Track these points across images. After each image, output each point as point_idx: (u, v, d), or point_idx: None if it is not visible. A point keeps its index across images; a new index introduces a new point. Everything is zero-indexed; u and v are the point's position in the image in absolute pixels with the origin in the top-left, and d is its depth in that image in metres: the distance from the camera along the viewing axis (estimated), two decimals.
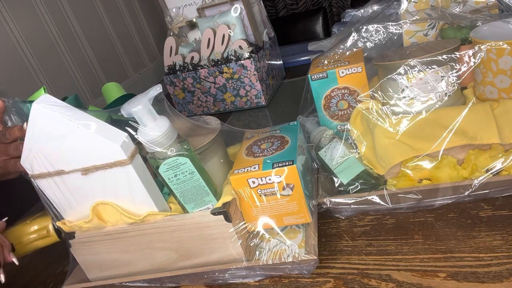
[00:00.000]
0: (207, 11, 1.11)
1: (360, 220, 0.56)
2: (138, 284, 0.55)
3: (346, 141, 0.60)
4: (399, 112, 0.56)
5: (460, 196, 0.51)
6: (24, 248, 0.58)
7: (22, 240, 0.58)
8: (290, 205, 0.52)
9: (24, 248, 0.58)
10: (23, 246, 0.58)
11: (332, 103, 0.64)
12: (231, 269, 0.51)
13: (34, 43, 1.13)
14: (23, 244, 0.58)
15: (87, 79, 1.29)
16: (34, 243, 0.58)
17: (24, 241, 0.58)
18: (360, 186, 0.57)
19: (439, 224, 0.51)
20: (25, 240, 0.58)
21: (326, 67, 0.63)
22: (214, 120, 0.59)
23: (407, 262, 0.47)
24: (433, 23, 0.65)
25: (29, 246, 0.58)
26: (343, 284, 0.47)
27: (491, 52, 0.50)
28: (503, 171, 0.50)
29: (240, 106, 1.10)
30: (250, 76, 1.03)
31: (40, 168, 0.50)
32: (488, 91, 0.53)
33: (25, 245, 0.58)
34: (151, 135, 0.46)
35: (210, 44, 1.05)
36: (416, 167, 0.54)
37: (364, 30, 0.64)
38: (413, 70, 0.53)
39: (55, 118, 0.46)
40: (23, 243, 0.58)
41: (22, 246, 0.58)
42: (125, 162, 0.47)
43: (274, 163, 0.51)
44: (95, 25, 1.35)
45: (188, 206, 0.52)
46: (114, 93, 0.89)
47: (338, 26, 1.26)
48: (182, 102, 1.15)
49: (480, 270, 0.43)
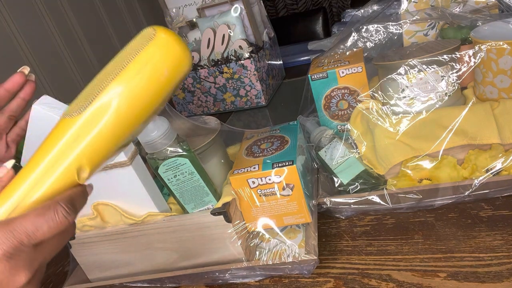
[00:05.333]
0: (207, 11, 1.11)
1: (360, 220, 0.56)
2: (138, 284, 0.55)
3: (346, 141, 0.60)
4: (399, 112, 0.56)
5: (460, 196, 0.51)
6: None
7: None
8: (290, 205, 0.52)
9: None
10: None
11: (332, 103, 0.64)
12: (231, 269, 0.51)
13: (34, 43, 1.13)
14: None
15: (87, 79, 1.29)
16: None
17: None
18: (360, 186, 0.57)
19: (439, 224, 0.51)
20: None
21: (326, 67, 0.63)
22: (214, 120, 0.59)
23: (407, 262, 0.47)
24: (433, 23, 0.65)
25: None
26: (343, 284, 0.47)
27: (491, 52, 0.50)
28: (503, 171, 0.50)
29: (240, 106, 1.10)
30: (250, 76, 1.03)
31: None
32: (488, 91, 0.53)
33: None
34: (150, 135, 0.46)
35: (210, 44, 1.05)
36: (416, 167, 0.54)
37: (364, 30, 0.64)
38: (413, 70, 0.53)
39: (55, 120, 0.46)
40: None
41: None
42: (125, 163, 0.47)
43: (274, 163, 0.51)
44: (95, 25, 1.35)
45: (188, 207, 0.52)
46: None
47: (338, 26, 1.26)
48: (182, 102, 1.15)
49: (480, 270, 0.43)
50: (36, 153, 0.33)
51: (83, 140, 0.32)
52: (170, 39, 0.33)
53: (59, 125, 0.33)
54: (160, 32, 0.33)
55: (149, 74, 0.32)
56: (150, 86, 0.33)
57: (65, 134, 0.32)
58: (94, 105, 0.32)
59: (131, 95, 0.32)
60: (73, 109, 0.32)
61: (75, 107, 0.32)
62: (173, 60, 0.33)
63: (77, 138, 0.32)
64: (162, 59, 0.33)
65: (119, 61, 0.33)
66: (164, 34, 0.33)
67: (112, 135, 0.32)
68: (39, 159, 0.32)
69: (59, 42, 1.21)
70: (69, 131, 0.32)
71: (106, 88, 0.32)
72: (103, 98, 0.32)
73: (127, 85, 0.32)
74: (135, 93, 0.32)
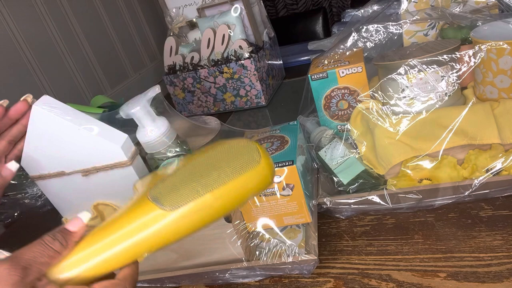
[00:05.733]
0: (207, 11, 1.11)
1: (360, 220, 0.56)
2: (138, 284, 0.55)
3: (346, 141, 0.60)
4: (399, 112, 0.56)
5: (460, 196, 0.51)
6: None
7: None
8: (290, 205, 0.52)
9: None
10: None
11: (332, 103, 0.64)
12: (231, 269, 0.51)
13: (34, 43, 1.13)
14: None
15: (87, 79, 1.29)
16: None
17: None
18: (360, 186, 0.57)
19: (439, 224, 0.51)
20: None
21: (326, 67, 0.63)
22: (214, 120, 0.60)
23: (407, 262, 0.47)
24: (433, 23, 0.65)
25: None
26: (344, 284, 0.47)
27: (491, 52, 0.50)
28: (503, 171, 0.50)
29: (240, 106, 1.10)
30: (250, 76, 1.03)
31: (40, 170, 0.50)
32: (488, 91, 0.53)
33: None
34: (150, 135, 0.46)
35: (210, 44, 1.05)
36: (416, 167, 0.54)
37: (364, 30, 0.64)
38: (413, 70, 0.53)
39: (55, 120, 0.46)
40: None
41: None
42: (126, 163, 0.47)
43: (274, 163, 0.51)
44: (95, 25, 1.35)
45: None
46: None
47: (338, 26, 1.25)
48: (182, 102, 1.15)
49: (480, 270, 0.43)
50: (116, 227, 0.34)
51: (168, 234, 0.35)
52: (268, 169, 0.38)
53: (146, 208, 0.35)
54: (264, 160, 0.37)
55: (240, 195, 0.37)
56: (236, 203, 0.37)
57: (153, 224, 0.34)
58: (188, 207, 0.34)
59: (219, 206, 0.36)
60: (163, 198, 0.35)
61: (168, 199, 0.34)
62: (263, 187, 0.38)
63: (162, 231, 0.34)
64: (256, 186, 0.37)
65: (219, 165, 0.37)
66: (266, 165, 0.37)
67: (189, 232, 0.36)
68: (118, 239, 0.34)
69: (59, 42, 1.21)
70: (158, 223, 0.34)
71: (202, 196, 0.35)
72: (197, 203, 0.35)
73: (220, 200, 0.36)
74: (223, 205, 0.36)
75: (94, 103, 0.91)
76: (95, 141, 0.46)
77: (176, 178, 0.37)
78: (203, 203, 0.35)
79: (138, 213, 0.34)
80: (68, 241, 0.33)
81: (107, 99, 0.92)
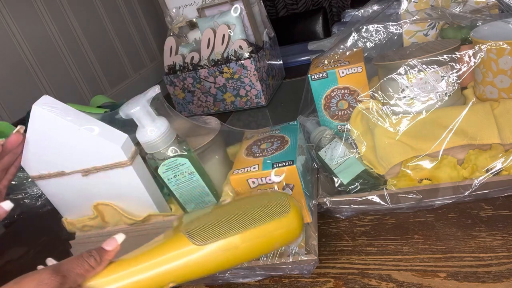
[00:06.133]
0: (207, 11, 1.11)
1: (360, 220, 0.56)
2: None
3: (346, 141, 0.60)
4: (399, 112, 0.56)
5: (460, 196, 0.51)
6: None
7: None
8: None
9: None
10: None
11: (332, 103, 0.64)
12: (231, 269, 0.51)
13: (34, 43, 1.13)
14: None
15: (87, 79, 1.29)
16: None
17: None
18: (360, 186, 0.57)
19: (439, 224, 0.51)
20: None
21: (326, 67, 0.63)
22: (214, 120, 0.59)
23: (407, 262, 0.47)
24: (433, 23, 0.65)
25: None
26: (344, 284, 0.47)
27: (491, 52, 0.50)
28: (503, 171, 0.50)
29: (240, 106, 1.10)
30: (250, 76, 1.03)
31: (40, 170, 0.50)
32: (488, 91, 0.53)
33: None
34: (150, 136, 0.46)
35: (210, 44, 1.05)
36: (416, 167, 0.54)
37: (364, 30, 0.64)
38: (413, 70, 0.53)
39: (55, 120, 0.46)
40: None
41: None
42: (126, 163, 0.47)
43: (274, 163, 0.51)
44: (95, 25, 1.35)
45: (187, 207, 0.52)
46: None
47: (338, 26, 1.25)
48: (182, 102, 1.15)
49: (480, 270, 0.43)
50: (149, 255, 0.38)
51: (194, 267, 0.38)
52: (297, 221, 0.40)
53: (178, 241, 0.39)
54: (293, 212, 0.40)
55: (267, 241, 0.40)
56: (262, 248, 0.40)
57: (182, 256, 0.38)
58: (216, 245, 0.38)
59: (246, 248, 0.39)
60: (195, 233, 0.38)
61: (200, 234, 0.38)
62: (290, 237, 0.41)
63: (190, 264, 0.38)
64: (283, 235, 0.40)
65: (250, 211, 0.40)
66: (295, 216, 0.40)
67: (215, 270, 0.39)
68: (150, 266, 0.37)
69: (59, 42, 1.21)
70: (187, 255, 0.38)
71: (230, 236, 0.38)
72: (225, 242, 0.38)
73: (247, 243, 0.39)
74: (249, 248, 0.39)
75: (94, 103, 0.91)
76: (95, 141, 0.46)
77: (210, 217, 0.40)
78: (231, 243, 0.38)
79: (171, 244, 0.38)
80: (102, 258, 0.37)
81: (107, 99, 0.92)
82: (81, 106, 0.63)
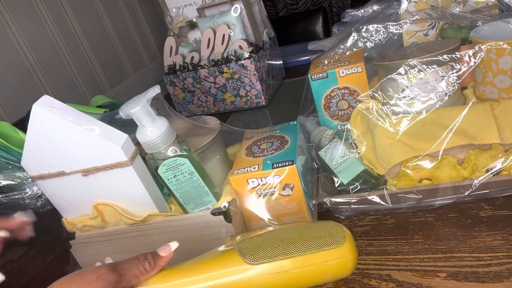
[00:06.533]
0: (207, 11, 1.11)
1: (360, 220, 0.56)
2: None
3: (346, 141, 0.60)
4: (399, 112, 0.56)
5: (460, 196, 0.51)
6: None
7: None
8: (290, 205, 0.52)
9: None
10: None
11: (332, 103, 0.64)
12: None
13: (34, 43, 1.13)
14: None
15: (87, 79, 1.29)
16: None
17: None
18: (360, 186, 0.57)
19: (439, 224, 0.51)
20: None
21: (326, 67, 0.63)
22: (214, 120, 0.59)
23: (407, 262, 0.47)
24: (433, 23, 0.65)
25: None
26: (344, 284, 0.47)
27: (491, 52, 0.50)
28: (503, 171, 0.50)
29: (240, 106, 1.10)
30: (250, 76, 1.03)
31: (40, 170, 0.50)
32: (488, 91, 0.53)
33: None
34: (150, 136, 0.46)
35: (210, 44, 1.05)
36: (416, 167, 0.54)
37: (364, 30, 0.64)
38: (413, 70, 0.53)
39: (55, 120, 0.46)
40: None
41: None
42: (126, 163, 0.47)
43: (274, 163, 0.51)
44: (95, 25, 1.35)
45: (187, 207, 0.52)
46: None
47: (338, 26, 1.26)
48: (182, 102, 1.15)
49: (480, 270, 0.43)
50: (201, 268, 0.39)
51: (242, 285, 0.38)
52: (350, 254, 0.40)
53: (231, 257, 0.40)
54: (348, 244, 0.40)
55: (317, 270, 0.39)
56: (311, 277, 0.40)
57: (232, 273, 0.39)
58: (266, 266, 0.39)
59: (295, 274, 0.39)
60: (247, 252, 0.39)
61: (252, 254, 0.39)
62: (342, 270, 0.40)
63: (238, 281, 0.38)
64: (334, 266, 0.39)
65: (304, 238, 0.40)
66: (348, 248, 0.40)
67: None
68: (200, 280, 0.38)
69: (59, 42, 1.21)
70: (237, 273, 0.39)
71: (281, 260, 0.39)
72: (275, 265, 0.39)
73: (297, 269, 0.39)
74: (299, 275, 0.39)
75: (94, 103, 0.91)
76: (95, 141, 0.46)
77: (264, 239, 0.41)
78: (281, 266, 0.38)
79: (223, 260, 0.40)
80: (156, 263, 0.39)
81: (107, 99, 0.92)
82: (81, 106, 0.63)
